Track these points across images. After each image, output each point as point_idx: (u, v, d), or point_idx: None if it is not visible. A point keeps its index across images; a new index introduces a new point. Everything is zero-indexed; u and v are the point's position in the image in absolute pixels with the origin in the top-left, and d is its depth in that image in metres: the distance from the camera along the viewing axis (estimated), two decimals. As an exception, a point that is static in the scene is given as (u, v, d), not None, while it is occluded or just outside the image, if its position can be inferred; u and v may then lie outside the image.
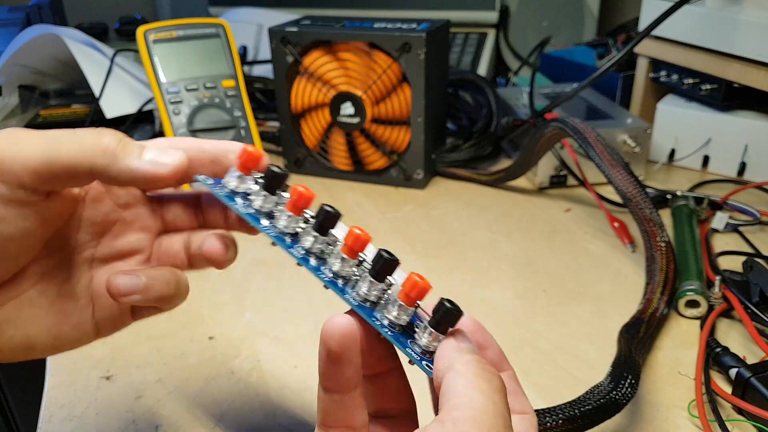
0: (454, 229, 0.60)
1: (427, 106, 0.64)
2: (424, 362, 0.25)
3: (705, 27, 0.66)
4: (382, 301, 0.25)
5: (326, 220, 0.26)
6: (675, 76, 0.71)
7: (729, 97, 0.66)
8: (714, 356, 0.39)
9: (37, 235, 0.26)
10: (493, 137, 0.71)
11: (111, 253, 0.30)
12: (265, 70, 0.92)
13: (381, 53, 0.63)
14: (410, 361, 0.25)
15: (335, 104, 0.66)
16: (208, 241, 0.29)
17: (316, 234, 0.26)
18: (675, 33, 0.70)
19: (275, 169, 0.27)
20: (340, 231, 0.27)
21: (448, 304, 0.24)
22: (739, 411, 0.37)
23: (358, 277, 0.26)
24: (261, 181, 0.28)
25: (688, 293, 0.45)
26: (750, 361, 0.38)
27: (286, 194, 0.28)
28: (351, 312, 0.25)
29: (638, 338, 0.41)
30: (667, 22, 0.61)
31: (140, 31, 0.64)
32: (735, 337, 0.43)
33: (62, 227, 0.29)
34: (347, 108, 0.65)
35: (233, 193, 0.28)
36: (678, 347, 0.43)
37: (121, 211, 0.30)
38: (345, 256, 0.26)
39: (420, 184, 0.68)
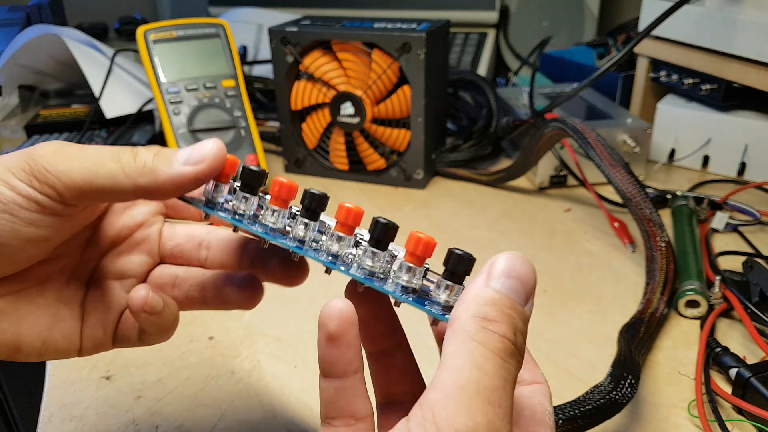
0: (454, 229, 0.60)
1: (427, 106, 0.64)
2: (447, 316, 0.23)
3: (705, 27, 0.66)
4: (391, 273, 0.24)
5: (315, 203, 0.25)
6: (675, 76, 0.71)
7: (729, 97, 0.66)
8: (714, 356, 0.39)
9: (56, 239, 0.27)
10: (493, 137, 0.71)
11: (110, 271, 0.31)
12: (265, 70, 0.92)
13: (381, 53, 0.63)
14: (433, 322, 0.24)
15: (335, 104, 0.66)
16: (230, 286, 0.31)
17: (306, 221, 0.25)
18: (675, 33, 0.70)
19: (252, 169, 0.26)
20: (330, 218, 0.26)
21: (458, 251, 0.23)
22: (739, 411, 0.37)
23: (359, 256, 0.25)
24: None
25: (688, 293, 0.45)
26: (750, 361, 0.38)
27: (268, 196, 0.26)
28: (349, 294, 0.25)
29: (638, 338, 0.41)
30: (667, 22, 0.61)
31: (140, 31, 0.64)
32: (735, 337, 0.43)
33: (77, 234, 0.29)
34: (347, 108, 0.65)
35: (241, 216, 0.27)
36: (678, 347, 0.43)
37: (134, 229, 0.31)
38: (341, 234, 0.25)
39: (420, 184, 0.68)
